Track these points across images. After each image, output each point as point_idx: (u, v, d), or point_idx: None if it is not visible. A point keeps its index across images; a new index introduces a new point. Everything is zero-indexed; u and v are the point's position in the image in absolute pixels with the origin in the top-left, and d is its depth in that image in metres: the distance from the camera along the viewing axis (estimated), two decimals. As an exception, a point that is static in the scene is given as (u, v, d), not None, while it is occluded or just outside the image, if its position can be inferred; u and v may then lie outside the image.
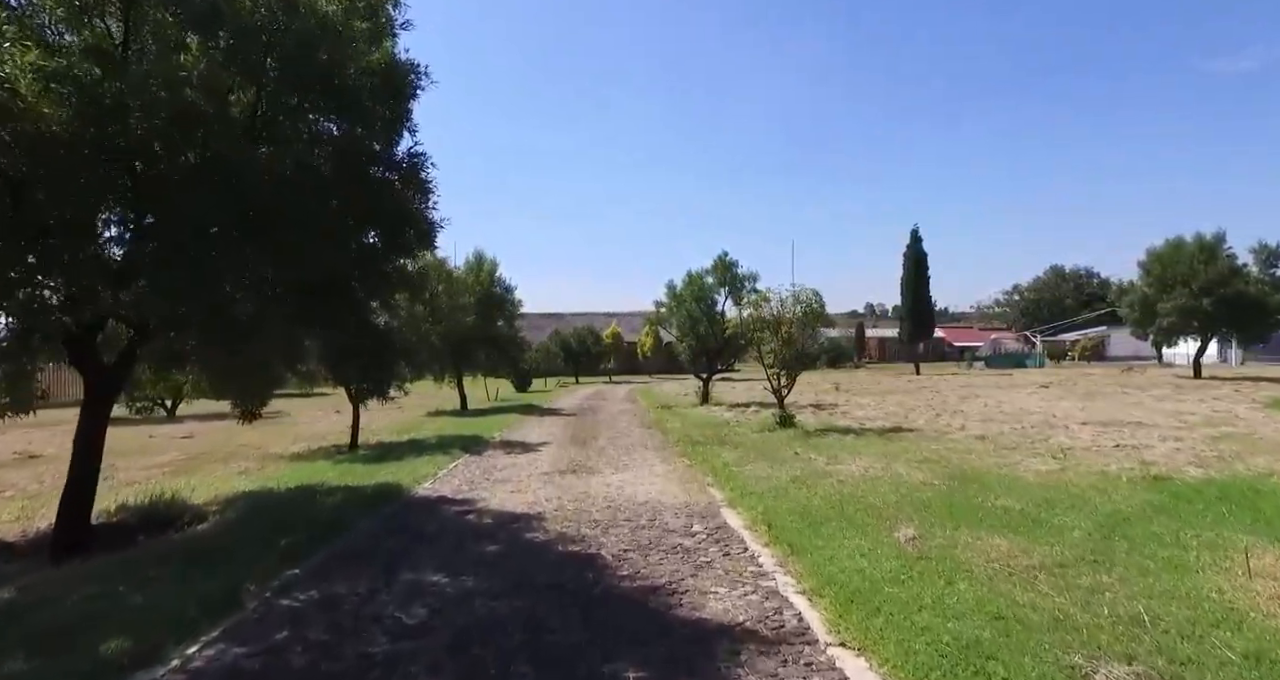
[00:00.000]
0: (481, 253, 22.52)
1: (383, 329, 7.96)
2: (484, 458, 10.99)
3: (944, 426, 13.09)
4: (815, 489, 7.55)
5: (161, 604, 4.06)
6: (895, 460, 9.25)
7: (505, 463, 10.38)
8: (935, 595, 4.13)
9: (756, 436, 12.52)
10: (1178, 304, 26.10)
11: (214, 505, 7.19)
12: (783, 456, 10.00)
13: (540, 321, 57.68)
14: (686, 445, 11.71)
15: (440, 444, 12.54)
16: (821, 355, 60.98)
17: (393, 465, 10.03)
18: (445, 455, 10.87)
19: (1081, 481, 7.38)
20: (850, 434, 12.37)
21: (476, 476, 9.21)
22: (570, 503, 7.45)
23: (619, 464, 10.06)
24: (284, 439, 14.30)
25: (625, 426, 15.48)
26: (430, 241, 6.87)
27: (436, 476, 9.18)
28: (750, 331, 13.85)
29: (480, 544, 5.85)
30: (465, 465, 10.17)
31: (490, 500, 7.64)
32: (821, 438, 11.91)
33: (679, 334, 22.08)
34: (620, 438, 13.33)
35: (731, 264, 20.90)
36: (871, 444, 10.90)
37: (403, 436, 14.15)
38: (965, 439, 11.10)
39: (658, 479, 8.81)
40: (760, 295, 13.80)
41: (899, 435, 11.91)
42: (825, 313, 13.95)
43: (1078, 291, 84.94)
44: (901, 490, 7.27)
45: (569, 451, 11.48)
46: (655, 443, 12.50)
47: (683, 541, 5.87)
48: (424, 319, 12.89)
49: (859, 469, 8.69)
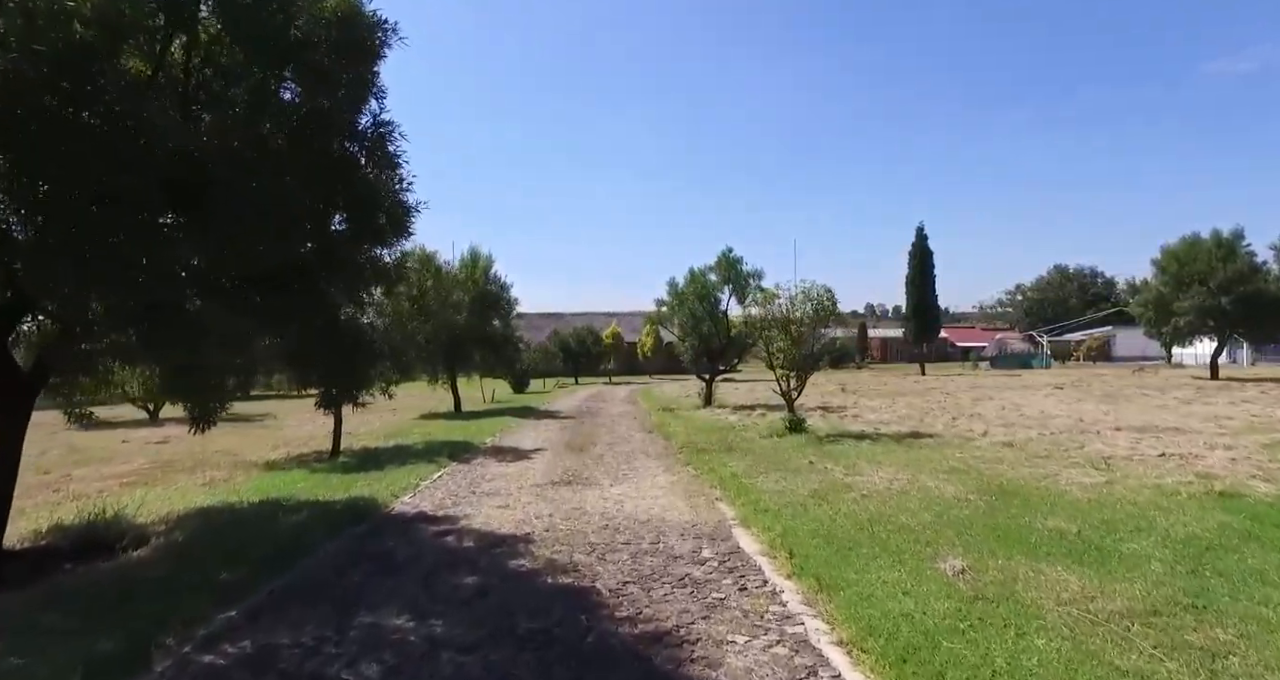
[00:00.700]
0: (476, 249, 21.77)
1: (354, 327, 7.14)
2: (472, 466, 10.19)
3: (964, 431, 12.29)
4: (837, 505, 6.75)
5: (34, 673, 3.25)
6: (920, 470, 8.46)
7: (495, 472, 9.59)
8: (1008, 654, 3.33)
9: (765, 442, 11.72)
10: (1195, 303, 25.31)
11: (161, 525, 6.39)
12: (796, 466, 9.20)
13: (539, 321, 56.91)
14: (691, 452, 10.91)
15: (427, 450, 11.74)
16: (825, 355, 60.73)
17: (372, 475, 9.24)
18: (430, 464, 10.08)
19: (1136, 497, 6.58)
20: (865, 440, 11.57)
21: (462, 488, 8.41)
22: (563, 521, 6.66)
23: (618, 474, 9.26)
24: (264, 444, 13.51)
25: (625, 431, 14.68)
26: (405, 227, 6.07)
27: (418, 489, 8.38)
28: (758, 331, 13.07)
29: (457, 575, 5.06)
30: (451, 475, 9.37)
31: (474, 518, 6.85)
32: (835, 444, 11.11)
33: (681, 333, 21.29)
34: (620, 443, 12.54)
35: (736, 261, 20.11)
36: (891, 451, 10.10)
37: (389, 442, 13.35)
38: (991, 446, 10.30)
39: (661, 492, 8.02)
40: (768, 293, 13.02)
41: (918, 441, 11.11)
42: (838, 311, 13.16)
43: (1082, 291, 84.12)
44: (935, 507, 6.47)
45: (564, 459, 10.68)
46: (657, 449, 11.71)
47: (691, 571, 5.08)
48: (411, 317, 12.08)
49: (882, 481, 7.89)
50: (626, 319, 52.63)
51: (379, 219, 5.70)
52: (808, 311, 12.92)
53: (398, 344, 11.67)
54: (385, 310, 12.07)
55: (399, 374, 12.01)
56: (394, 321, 12.06)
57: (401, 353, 11.85)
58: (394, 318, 12.07)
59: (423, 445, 12.55)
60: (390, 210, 5.77)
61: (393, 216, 5.81)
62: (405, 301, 12.34)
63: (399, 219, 5.86)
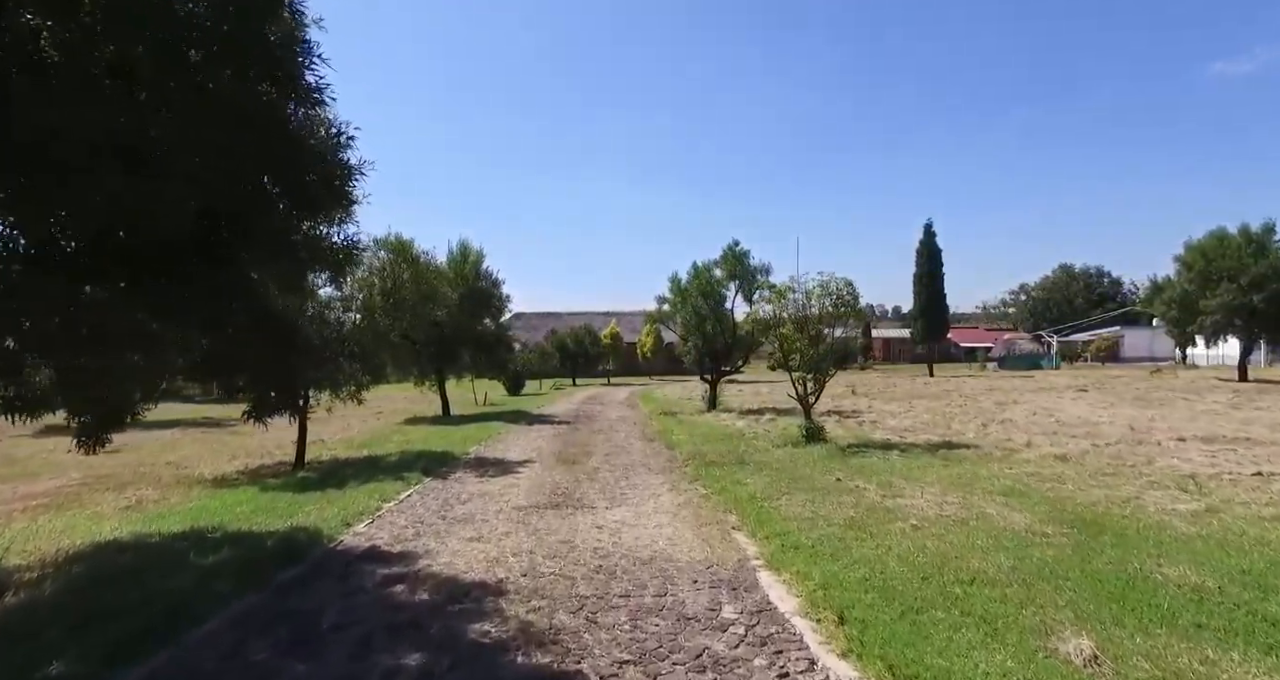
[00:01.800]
0: (466, 242, 20.49)
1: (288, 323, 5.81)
2: (448, 483, 8.89)
3: (1002, 441, 11.01)
4: (885, 540, 5.46)
5: None
6: (971, 491, 7.18)
7: (473, 491, 8.29)
8: None
9: (781, 453, 10.43)
10: (1224, 301, 24.04)
11: (36, 569, 5.09)
12: (822, 484, 7.92)
13: (537, 321, 55.65)
14: (698, 465, 9.62)
15: (401, 463, 10.44)
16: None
17: (330, 495, 7.94)
18: (399, 480, 8.77)
19: (1264, 533, 5.30)
20: (894, 451, 10.29)
21: (430, 513, 7.11)
22: (546, 560, 5.37)
23: (615, 494, 7.97)
24: (224, 454, 12.21)
25: (624, 439, 13.38)
26: (343, 193, 4.77)
27: (378, 514, 7.08)
28: (771, 329, 11.79)
29: (396, 651, 3.76)
30: (421, 495, 8.07)
31: (437, 555, 5.55)
32: (862, 456, 9.82)
33: (683, 332, 20.00)
34: (618, 454, 11.24)
35: (743, 255, 18.82)
36: (928, 466, 8.82)
37: (362, 451, 12.05)
38: (1041, 460, 9.02)
39: (665, 518, 6.72)
40: (783, 287, 11.74)
41: (955, 453, 9.83)
42: (859, 306, 11.87)
43: (1088, 290, 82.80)
44: (1008, 545, 5.18)
45: (554, 474, 9.38)
46: (660, 461, 10.42)
47: (710, 643, 3.80)
48: (385, 312, 10.78)
49: (930, 505, 6.61)
50: (626, 318, 51.33)
51: (305, 177, 4.39)
52: (826, 307, 11.64)
53: (367, 343, 10.38)
54: (354, 304, 10.78)
55: (369, 376, 10.72)
56: (365, 318, 10.76)
57: (372, 353, 10.56)
58: (365, 313, 10.77)
59: (397, 456, 11.25)
60: (321, 168, 4.47)
61: (325, 176, 4.51)
62: (377, 295, 11.04)
63: (332, 179, 4.56)
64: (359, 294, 10.87)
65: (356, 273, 10.91)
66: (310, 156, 4.32)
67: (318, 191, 4.59)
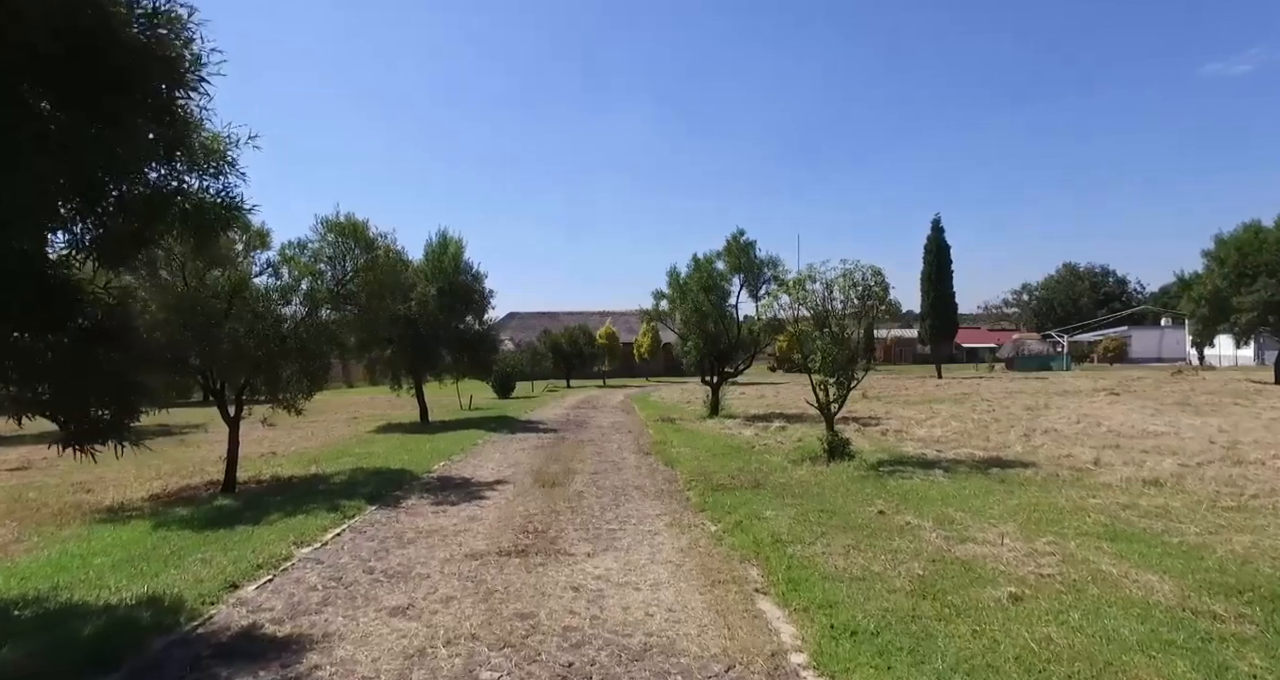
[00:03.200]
0: (446, 232, 18.75)
1: (121, 317, 4.08)
2: (395, 514, 7.19)
3: (1059, 457, 9.36)
4: (981, 622, 3.79)
5: None
6: (1061, 532, 5.51)
7: (422, 527, 6.59)
8: None
9: (803, 473, 8.76)
10: (1261, 297, 22.44)
11: None
12: (862, 517, 6.24)
13: (531, 321, 53.92)
14: (704, 489, 7.94)
15: (347, 485, 8.73)
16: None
17: (238, 533, 6.24)
18: (334, 511, 7.06)
19: None
20: (936, 469, 8.63)
21: (355, 564, 5.40)
22: (494, 652, 3.69)
23: (601, 531, 6.28)
24: (151, 472, 10.48)
25: (616, 452, 11.69)
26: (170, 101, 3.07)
27: (284, 566, 5.36)
28: (787, 326, 10.11)
29: None
30: (354, 534, 6.37)
31: (336, 645, 3.85)
32: (899, 476, 8.16)
33: (683, 331, 18.32)
34: (608, 473, 9.54)
35: (748, 245, 17.16)
36: (987, 492, 7.16)
37: (310, 468, 10.34)
38: (1127, 485, 7.35)
39: (664, 572, 5.04)
40: (800, 276, 10.05)
41: (1011, 474, 8.17)
42: (890, 299, 10.21)
43: (1094, 290, 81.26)
44: (1172, 637, 3.51)
45: (529, 501, 7.69)
46: (657, 482, 8.73)
47: None
48: (323, 302, 9.05)
49: (1016, 556, 4.93)
50: (622, 318, 49.60)
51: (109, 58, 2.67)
52: (852, 299, 9.96)
53: (308, 342, 8.67)
54: (294, 296, 9.06)
55: (309, 381, 9.01)
56: (308, 311, 9.03)
57: (316, 353, 8.85)
58: (308, 306, 9.05)
59: (347, 475, 9.54)
60: (130, 53, 2.76)
61: (138, 59, 2.79)
62: (323, 285, 9.32)
63: (148, 69, 2.85)
64: (302, 283, 9.15)
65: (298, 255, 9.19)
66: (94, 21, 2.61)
67: (136, 97, 2.88)
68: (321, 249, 9.71)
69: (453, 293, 18.11)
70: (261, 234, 8.79)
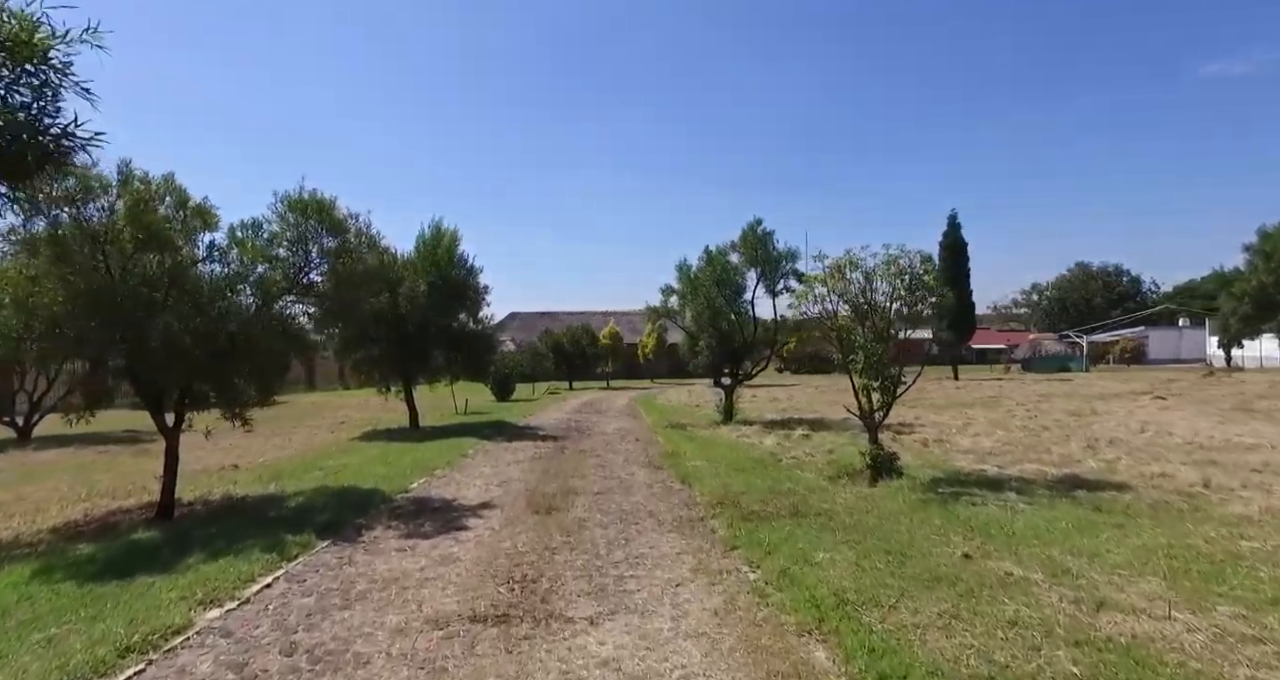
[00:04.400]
0: (440, 223, 17.35)
1: None
2: (346, 554, 5.77)
3: (1148, 475, 7.92)
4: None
5: None
6: (1240, 601, 4.08)
7: (378, 574, 5.17)
8: None
9: (848, 496, 7.32)
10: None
11: None
12: (944, 564, 4.80)
13: (533, 320, 52.54)
14: (733, 518, 6.50)
15: (301, 510, 7.32)
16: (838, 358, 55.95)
17: (133, 587, 4.84)
18: (271, 551, 5.64)
19: None
20: (1008, 491, 7.20)
21: (273, 640, 3.98)
22: None
23: (607, 582, 4.85)
24: (85, 489, 9.11)
25: (623, 465, 10.26)
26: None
27: (169, 647, 3.92)
28: (832, 321, 8.65)
29: None
30: (287, 586, 4.95)
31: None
32: (968, 502, 6.72)
33: (694, 329, 16.86)
34: (614, 493, 8.12)
35: (766, 236, 15.69)
36: (1090, 526, 5.71)
37: (270, 485, 8.94)
38: (1272, 518, 5.89)
39: (695, 653, 3.63)
40: (839, 261, 8.59)
41: (1103, 499, 6.73)
42: (940, 289, 8.76)
43: (1107, 290, 79.43)
44: None
45: (517, 535, 6.27)
46: (674, 508, 7.30)
47: None
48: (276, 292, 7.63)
49: (1204, 643, 3.49)
50: (625, 318, 48.20)
51: None
52: (898, 290, 8.53)
53: (259, 340, 7.27)
54: (244, 287, 7.63)
55: (259, 386, 7.58)
56: (259, 303, 7.62)
57: (269, 353, 7.45)
58: (258, 297, 7.63)
59: (308, 495, 8.13)
60: None
61: None
62: (278, 273, 7.90)
63: None
64: (254, 269, 7.74)
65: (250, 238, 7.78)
66: None
67: None
68: (281, 231, 8.30)
69: (445, 288, 16.72)
70: (203, 210, 7.40)
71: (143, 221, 6.67)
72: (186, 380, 7.36)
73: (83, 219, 6.69)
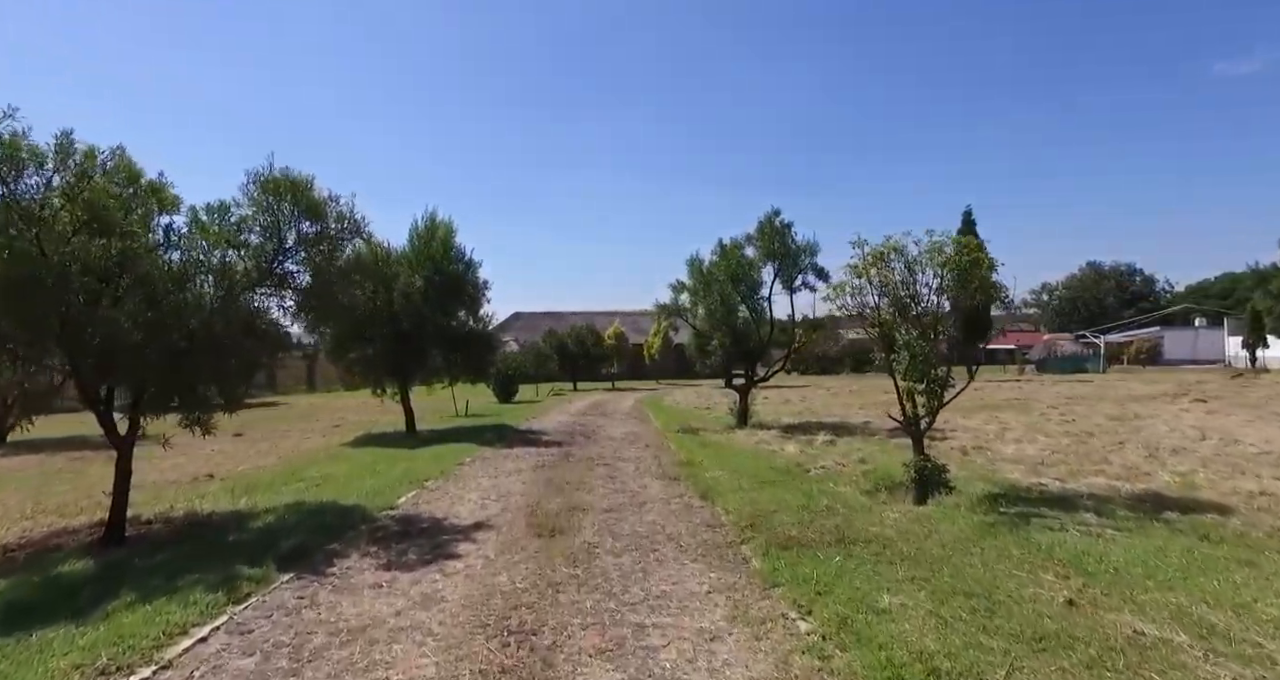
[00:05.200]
0: (434, 215, 16.41)
1: None
2: (309, 593, 4.82)
3: (1247, 493, 6.93)
4: None
5: None
6: None
7: (343, 622, 4.21)
8: None
9: (896, 516, 6.33)
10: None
11: None
12: (1045, 616, 3.82)
13: (537, 321, 51.62)
14: (767, 545, 5.52)
15: (268, 532, 6.36)
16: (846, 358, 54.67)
17: (28, 646, 3.88)
18: (217, 589, 4.68)
19: None
20: (1082, 512, 6.22)
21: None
22: None
23: (624, 635, 3.88)
24: (34, 503, 8.21)
25: (635, 476, 9.28)
26: None
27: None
28: (874, 317, 7.66)
29: None
30: (226, 640, 3.99)
31: None
32: (1042, 526, 5.73)
33: (707, 327, 15.86)
34: (626, 511, 7.15)
35: (784, 228, 14.69)
36: (1206, 562, 4.73)
37: (239, 501, 8.01)
38: None
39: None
40: (883, 247, 7.60)
41: (1201, 521, 5.75)
42: (996, 281, 7.78)
43: (1119, 289, 78.07)
44: None
45: (514, 566, 5.30)
46: (696, 530, 6.32)
47: None
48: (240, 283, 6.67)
49: None
50: (630, 318, 47.25)
51: None
52: (947, 279, 7.55)
53: (223, 338, 6.32)
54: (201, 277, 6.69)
55: (222, 390, 6.63)
56: (225, 295, 6.67)
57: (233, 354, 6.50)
58: (220, 289, 6.68)
59: (280, 513, 7.17)
60: None
61: None
62: (246, 262, 6.96)
63: None
64: (215, 256, 6.79)
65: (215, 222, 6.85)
66: None
67: None
68: (253, 215, 7.34)
69: (442, 283, 15.76)
70: (157, 188, 6.45)
71: (84, 199, 5.74)
72: (138, 382, 6.42)
73: (13, 197, 5.76)
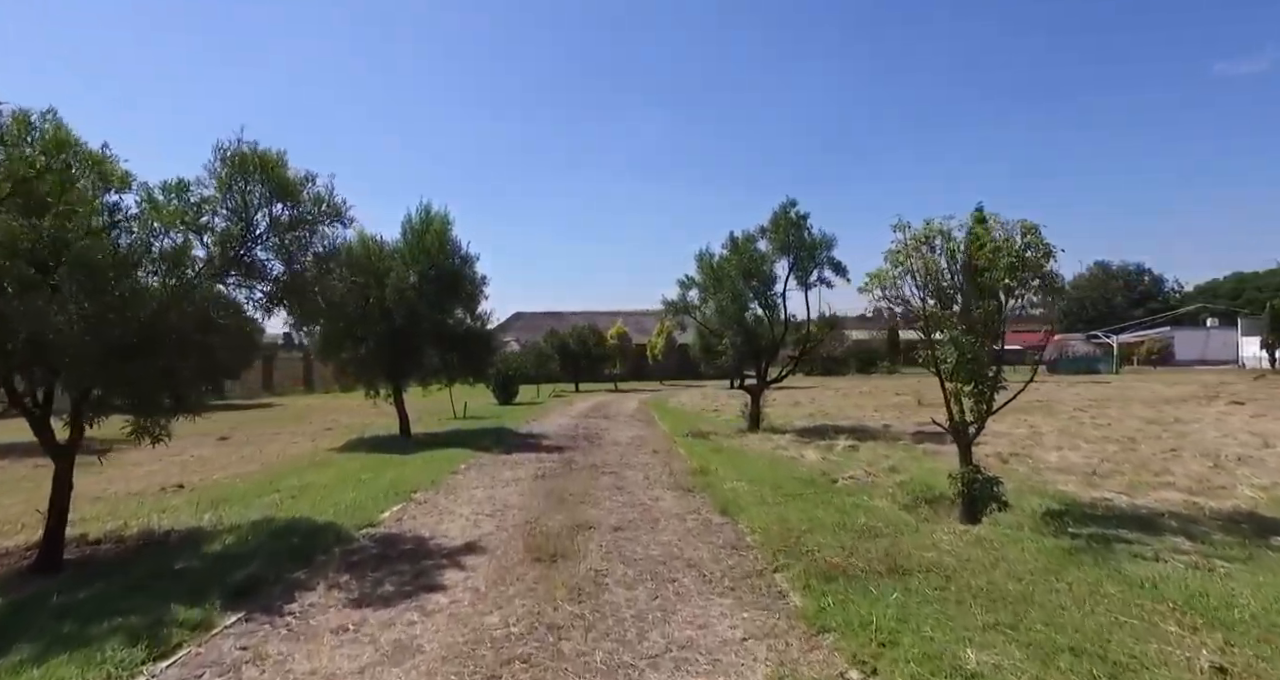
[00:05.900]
0: (429, 207, 15.56)
1: None
2: (257, 640, 3.97)
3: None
4: None
5: None
6: None
7: None
8: None
9: (953, 539, 5.47)
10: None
11: None
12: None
13: (538, 321, 50.76)
14: (807, 575, 4.65)
15: (226, 556, 5.51)
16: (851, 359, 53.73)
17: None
18: (140, 639, 3.84)
19: None
20: (1169, 535, 5.37)
21: None
22: None
23: (648, 711, 3.02)
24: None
25: (645, 487, 8.42)
26: None
27: None
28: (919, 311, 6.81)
29: None
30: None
31: None
32: (1131, 554, 4.88)
33: (717, 325, 15.00)
34: (637, 529, 6.28)
35: (799, 220, 13.83)
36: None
37: (205, 515, 7.16)
38: None
39: None
40: (926, 230, 6.76)
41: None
42: (1051, 269, 6.91)
43: (1128, 289, 77.01)
44: None
45: (509, 601, 4.44)
46: (720, 556, 5.45)
47: None
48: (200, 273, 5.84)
49: None
50: (632, 318, 46.43)
51: None
52: (997, 268, 6.70)
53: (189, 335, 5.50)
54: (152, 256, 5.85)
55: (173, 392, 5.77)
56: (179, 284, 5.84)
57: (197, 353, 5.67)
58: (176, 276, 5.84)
59: (245, 531, 6.32)
60: None
61: None
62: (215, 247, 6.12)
63: None
64: (170, 239, 5.95)
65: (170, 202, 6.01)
66: None
67: None
68: (217, 196, 6.49)
69: (438, 279, 14.90)
70: (99, 160, 5.61)
71: (2, 168, 4.90)
72: (76, 382, 5.58)
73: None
